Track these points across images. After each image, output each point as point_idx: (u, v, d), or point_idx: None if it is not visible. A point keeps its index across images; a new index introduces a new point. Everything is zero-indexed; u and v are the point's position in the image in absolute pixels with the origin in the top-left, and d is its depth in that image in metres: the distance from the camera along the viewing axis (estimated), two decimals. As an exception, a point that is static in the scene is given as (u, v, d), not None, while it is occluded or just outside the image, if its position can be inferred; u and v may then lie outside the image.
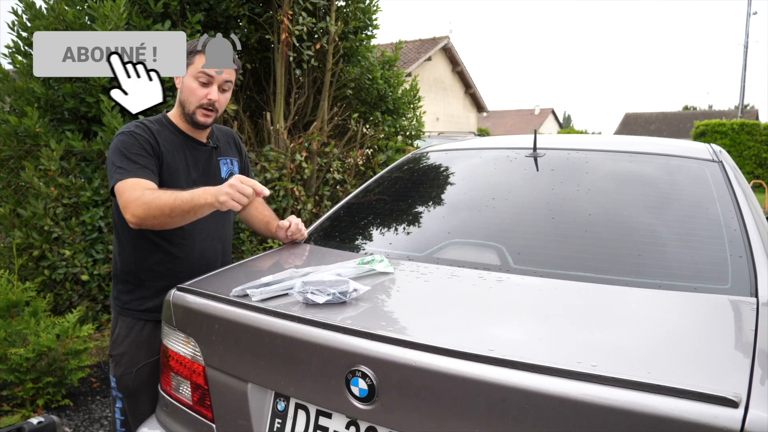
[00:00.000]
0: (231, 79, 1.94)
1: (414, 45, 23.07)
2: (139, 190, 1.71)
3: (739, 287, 1.41)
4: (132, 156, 1.80)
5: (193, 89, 1.90)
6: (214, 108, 1.93)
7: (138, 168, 1.79)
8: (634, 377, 0.98)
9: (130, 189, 1.73)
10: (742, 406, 0.91)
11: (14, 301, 3.07)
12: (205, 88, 1.90)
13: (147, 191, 1.71)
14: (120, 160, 1.79)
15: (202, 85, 1.90)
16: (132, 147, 1.82)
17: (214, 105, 1.92)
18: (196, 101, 1.90)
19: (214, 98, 1.90)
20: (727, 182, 1.88)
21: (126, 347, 1.95)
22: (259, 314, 1.39)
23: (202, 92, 1.90)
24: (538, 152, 2.22)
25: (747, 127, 21.11)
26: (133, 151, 1.81)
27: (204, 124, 1.96)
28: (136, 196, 1.70)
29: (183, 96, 1.94)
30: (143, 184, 1.75)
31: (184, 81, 1.93)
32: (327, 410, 1.32)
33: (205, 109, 1.92)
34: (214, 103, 1.91)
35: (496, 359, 1.08)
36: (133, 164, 1.79)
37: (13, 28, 3.81)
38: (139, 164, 1.79)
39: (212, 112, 1.94)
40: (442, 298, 1.49)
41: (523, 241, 1.78)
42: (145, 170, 1.79)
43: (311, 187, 4.87)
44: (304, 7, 4.76)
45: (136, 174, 1.77)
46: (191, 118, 1.93)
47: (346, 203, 2.37)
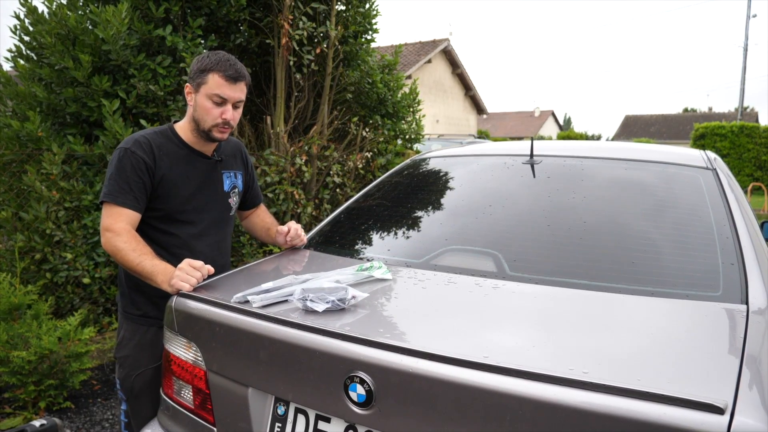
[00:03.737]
0: (243, 98, 1.98)
1: (414, 47, 23.11)
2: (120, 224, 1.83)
3: (730, 295, 1.44)
4: (122, 177, 1.87)
5: (208, 109, 1.92)
6: (229, 125, 1.97)
7: (121, 192, 1.86)
8: (624, 384, 1.01)
9: (110, 217, 1.85)
10: (728, 413, 0.94)
11: (16, 304, 3.10)
12: (220, 107, 1.93)
13: (122, 235, 1.81)
14: (110, 177, 1.89)
15: (216, 105, 1.92)
16: (123, 168, 1.88)
17: (229, 123, 1.96)
18: (211, 121, 1.94)
19: (228, 117, 1.94)
20: (721, 190, 1.91)
21: (130, 350, 1.98)
22: (259, 320, 1.42)
23: (217, 111, 1.93)
24: (534, 159, 2.25)
25: (746, 129, 21.11)
26: (124, 171, 1.88)
27: (221, 140, 2.01)
28: (116, 230, 1.82)
29: (197, 114, 1.96)
30: (125, 216, 1.85)
31: (197, 99, 1.94)
32: (326, 415, 1.34)
33: (222, 127, 1.96)
34: (229, 122, 1.95)
35: (490, 366, 1.11)
36: (117, 187, 1.86)
37: (15, 33, 3.83)
38: (123, 188, 1.86)
39: (227, 128, 1.98)
40: (439, 304, 1.52)
41: (518, 249, 1.80)
42: (129, 196, 1.87)
43: (311, 190, 4.90)
44: (304, 11, 4.79)
45: (116, 198, 1.85)
46: (207, 135, 1.97)
47: (345, 208, 2.40)
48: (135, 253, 1.77)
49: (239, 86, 1.93)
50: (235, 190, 2.16)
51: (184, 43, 3.95)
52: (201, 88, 1.92)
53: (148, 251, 1.79)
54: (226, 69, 1.89)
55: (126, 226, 1.83)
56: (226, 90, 1.90)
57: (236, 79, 1.91)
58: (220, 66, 1.89)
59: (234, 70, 1.90)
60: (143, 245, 1.81)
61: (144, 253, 1.78)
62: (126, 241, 1.80)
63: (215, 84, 1.89)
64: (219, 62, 1.89)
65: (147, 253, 1.78)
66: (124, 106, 3.82)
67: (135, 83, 3.76)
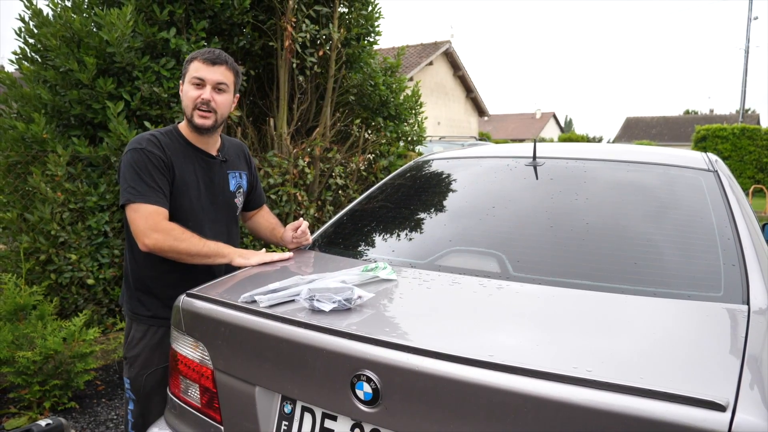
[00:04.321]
0: (225, 81, 1.99)
1: (416, 49, 23.14)
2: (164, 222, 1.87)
3: (731, 295, 1.45)
4: (145, 176, 1.87)
5: (188, 93, 1.98)
6: (210, 108, 1.97)
7: (150, 191, 1.87)
8: (627, 382, 1.02)
9: (150, 218, 1.84)
10: (729, 410, 0.95)
11: (21, 305, 3.12)
12: (198, 89, 1.96)
13: (175, 229, 1.86)
14: (132, 179, 1.87)
15: (196, 87, 1.97)
16: (145, 166, 1.89)
17: (209, 104, 1.96)
18: (191, 104, 1.97)
19: (206, 97, 1.96)
20: (722, 191, 1.93)
21: (140, 350, 1.99)
22: (266, 320, 1.44)
23: (196, 93, 1.96)
24: (537, 161, 2.27)
25: (748, 131, 21.13)
26: (146, 170, 1.88)
27: (202, 126, 1.99)
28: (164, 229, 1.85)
29: (183, 103, 2.01)
30: (162, 214, 1.88)
31: (183, 90, 2.01)
32: (332, 413, 1.36)
33: (200, 110, 1.97)
34: (208, 102, 1.96)
35: (495, 364, 1.12)
36: (145, 186, 1.86)
37: (20, 35, 3.86)
38: (152, 186, 1.87)
39: (209, 113, 1.98)
40: (443, 304, 1.54)
41: (522, 250, 1.82)
42: (157, 193, 1.88)
43: (314, 192, 4.92)
44: (307, 14, 4.82)
45: (149, 198, 1.86)
46: (191, 122, 1.99)
47: (349, 210, 2.41)
48: (195, 238, 1.88)
49: (218, 69, 1.97)
50: (241, 190, 2.18)
51: (188, 46, 3.98)
52: (185, 77, 2.00)
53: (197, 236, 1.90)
54: (204, 54, 1.97)
55: (169, 222, 1.89)
56: (203, 71, 1.96)
57: (213, 61, 1.96)
58: (200, 54, 1.98)
59: (212, 54, 1.97)
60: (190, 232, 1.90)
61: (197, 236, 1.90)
62: (182, 231, 1.87)
63: (194, 68, 1.97)
64: (200, 52, 1.98)
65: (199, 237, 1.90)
66: (129, 108, 3.84)
67: (139, 85, 3.78)
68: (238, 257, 1.92)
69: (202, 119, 1.97)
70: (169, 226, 1.86)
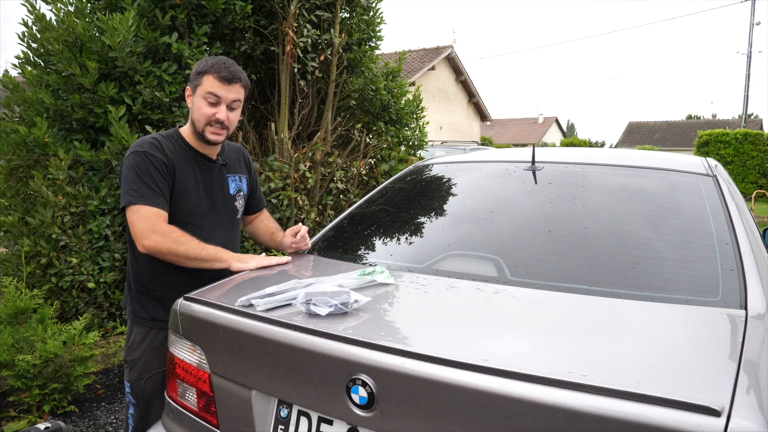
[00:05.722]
0: (239, 98, 2.00)
1: (418, 54, 23.20)
2: (163, 224, 1.87)
3: (729, 300, 1.45)
4: (146, 179, 1.88)
5: (202, 108, 1.96)
6: (223, 126, 1.99)
7: (151, 193, 1.88)
8: (622, 387, 1.02)
9: (149, 219, 1.85)
10: (724, 415, 0.95)
11: (22, 308, 3.13)
12: (213, 107, 1.96)
13: (174, 231, 1.87)
14: (134, 181, 1.88)
15: (210, 105, 1.96)
16: (146, 168, 1.89)
17: (223, 123, 1.98)
18: (204, 120, 1.97)
19: (221, 117, 1.97)
20: (721, 196, 1.92)
21: (141, 353, 2.00)
22: (263, 324, 1.44)
23: (210, 111, 1.96)
24: (536, 166, 2.27)
25: (750, 137, 21.11)
26: (148, 173, 1.89)
27: (214, 142, 2.02)
28: (163, 231, 1.85)
29: (193, 115, 2.00)
30: (162, 217, 1.89)
31: (194, 101, 1.99)
32: (328, 417, 1.36)
33: (214, 127, 1.98)
34: (222, 122, 1.97)
35: (490, 369, 1.12)
36: (146, 188, 1.87)
37: (23, 40, 3.88)
38: (153, 189, 1.88)
39: (222, 130, 2.00)
40: (440, 309, 1.54)
41: (519, 254, 1.82)
42: (158, 196, 1.89)
43: (315, 196, 4.92)
44: (308, 19, 4.84)
45: (150, 200, 1.87)
46: (201, 136, 1.99)
47: (348, 214, 2.42)
48: (194, 242, 1.88)
49: (234, 87, 1.97)
50: (241, 193, 2.19)
51: (190, 51, 4.00)
52: (197, 89, 1.97)
53: (196, 239, 1.91)
54: (220, 70, 1.94)
55: (169, 225, 1.90)
56: (220, 90, 1.95)
57: (230, 80, 1.95)
58: (215, 68, 1.95)
59: (229, 71, 1.95)
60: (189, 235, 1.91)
61: (197, 240, 1.90)
62: (181, 234, 1.88)
63: (210, 84, 1.94)
64: (215, 64, 1.95)
65: (198, 240, 1.91)
66: (130, 112, 3.86)
67: (141, 90, 3.80)
68: (236, 262, 1.92)
69: (215, 136, 2.00)
70: (169, 229, 1.87)
